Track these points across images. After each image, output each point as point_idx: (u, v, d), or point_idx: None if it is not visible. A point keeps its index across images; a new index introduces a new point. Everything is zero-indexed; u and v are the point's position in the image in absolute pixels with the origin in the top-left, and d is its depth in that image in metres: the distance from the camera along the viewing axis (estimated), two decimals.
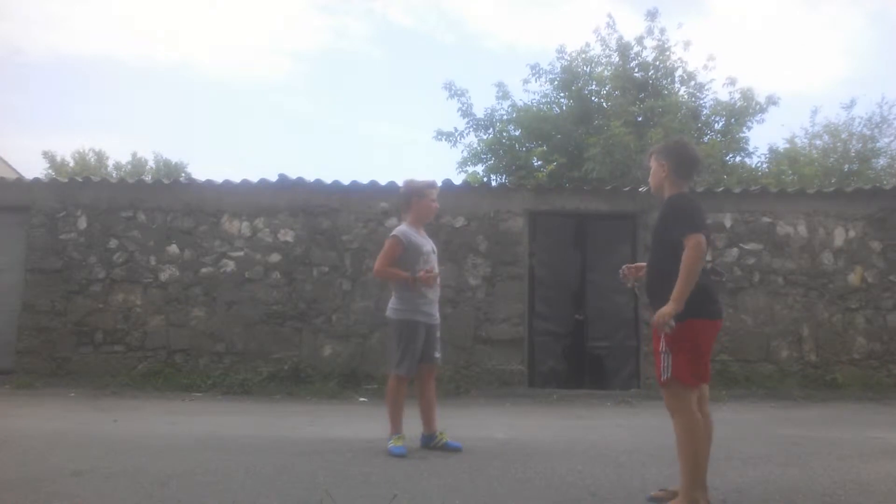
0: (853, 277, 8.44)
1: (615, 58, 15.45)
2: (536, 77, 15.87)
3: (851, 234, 8.50)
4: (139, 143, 62.41)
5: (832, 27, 55.41)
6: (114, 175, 26.07)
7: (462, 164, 16.06)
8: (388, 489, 3.45)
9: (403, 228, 4.67)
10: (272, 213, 8.56)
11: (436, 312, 4.67)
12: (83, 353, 8.34)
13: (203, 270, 8.49)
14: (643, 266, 3.61)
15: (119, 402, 7.06)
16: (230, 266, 8.47)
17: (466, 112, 15.63)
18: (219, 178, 8.79)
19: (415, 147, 62.70)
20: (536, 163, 14.89)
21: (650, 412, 6.71)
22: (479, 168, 15.96)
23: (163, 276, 8.47)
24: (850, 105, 18.65)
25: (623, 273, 3.67)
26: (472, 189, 9.10)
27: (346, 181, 8.61)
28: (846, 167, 17.82)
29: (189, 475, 3.78)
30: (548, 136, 15.02)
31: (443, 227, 8.30)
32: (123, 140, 54.49)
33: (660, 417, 5.70)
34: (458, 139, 15.84)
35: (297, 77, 66.59)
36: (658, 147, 3.56)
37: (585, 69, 15.61)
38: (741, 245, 8.47)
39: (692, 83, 15.68)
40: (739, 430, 5.45)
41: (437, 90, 31.98)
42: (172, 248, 8.52)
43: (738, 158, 15.62)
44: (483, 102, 33.59)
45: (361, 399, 7.55)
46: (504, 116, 15.78)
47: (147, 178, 15.90)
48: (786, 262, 8.44)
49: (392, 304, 4.60)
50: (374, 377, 7.93)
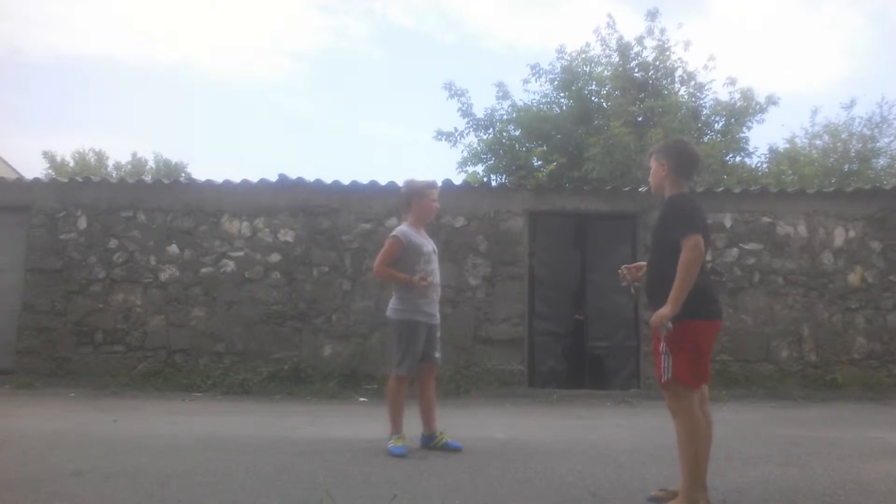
0: (853, 277, 8.44)
1: (615, 58, 15.45)
2: (536, 77, 15.88)
3: (851, 234, 8.50)
4: (139, 143, 62.53)
5: (832, 27, 55.49)
6: (114, 175, 26.08)
7: (462, 164, 16.08)
8: (388, 489, 3.45)
9: (404, 228, 4.68)
10: (272, 213, 8.57)
11: (436, 312, 4.67)
12: (83, 353, 8.34)
13: (203, 270, 8.49)
14: (642, 266, 3.60)
15: (119, 402, 7.07)
16: (230, 266, 8.48)
17: (466, 112, 15.63)
18: (219, 178, 8.80)
19: (415, 147, 62.81)
20: (536, 163, 14.89)
21: (650, 412, 6.71)
22: (479, 168, 15.98)
23: (163, 276, 8.47)
24: (850, 105, 18.70)
25: (622, 273, 3.66)
26: (472, 189, 9.11)
27: (346, 181, 8.62)
28: (846, 167, 17.82)
29: (189, 475, 3.78)
30: (548, 136, 15.02)
31: (443, 227, 8.30)
32: (123, 140, 54.58)
33: (660, 417, 5.71)
34: (458, 139, 15.86)
35: (297, 77, 66.69)
36: (658, 147, 3.55)
37: (585, 69, 15.61)
38: (741, 245, 8.47)
39: (692, 83, 15.68)
40: (739, 430, 5.45)
41: (437, 90, 32.02)
42: (172, 248, 8.53)
43: (738, 158, 15.62)
44: (483, 102, 33.68)
45: (361, 399, 7.56)
46: (504, 116, 15.79)
47: (147, 178, 15.91)
48: (786, 262, 8.44)
49: (392, 304, 4.60)
50: (374, 377, 7.93)
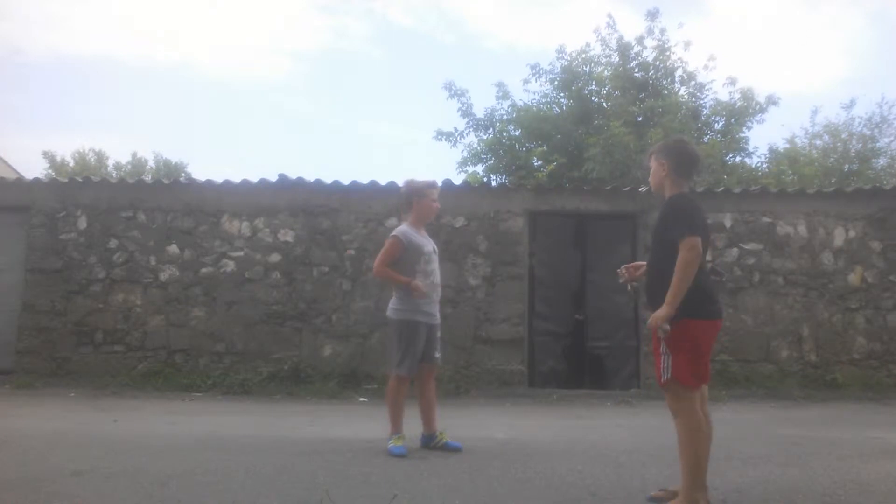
0: (853, 277, 8.44)
1: (615, 58, 15.45)
2: (536, 77, 15.88)
3: (851, 234, 8.50)
4: (139, 143, 62.55)
5: (832, 27, 55.49)
6: (114, 175, 26.08)
7: (462, 164, 16.07)
8: (388, 489, 3.45)
9: (404, 228, 4.68)
10: (272, 213, 8.57)
11: (436, 312, 4.67)
12: (83, 353, 8.34)
13: (203, 270, 8.49)
14: (641, 265, 3.60)
15: (119, 402, 7.07)
16: (230, 266, 8.48)
17: (466, 112, 15.63)
18: (219, 178, 8.80)
19: (415, 147, 62.81)
20: (536, 163, 14.88)
21: (650, 412, 6.71)
22: (479, 168, 15.97)
23: (163, 276, 8.47)
24: (850, 105, 18.70)
25: (621, 273, 3.66)
26: (472, 189, 9.11)
27: (346, 181, 8.62)
28: (846, 167, 17.82)
29: (189, 475, 3.78)
30: (548, 136, 15.02)
31: (443, 227, 8.30)
32: (123, 140, 54.59)
33: (660, 417, 5.71)
34: (458, 139, 15.86)
35: (297, 77, 66.69)
36: (658, 146, 3.54)
37: (585, 69, 15.61)
38: (741, 245, 8.47)
39: (692, 83, 15.68)
40: (739, 430, 5.46)
41: (437, 90, 32.01)
42: (172, 248, 8.53)
43: (738, 158, 15.62)
44: (483, 102, 33.68)
45: (361, 399, 7.56)
46: (504, 116, 15.78)
47: (147, 178, 15.90)
48: (786, 262, 8.44)
49: (393, 304, 4.60)
50: (374, 377, 7.93)
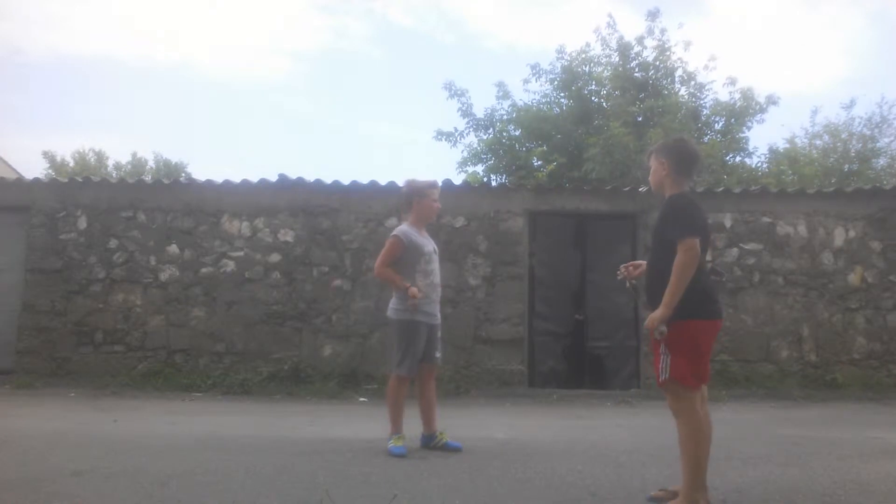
0: (853, 277, 8.44)
1: (615, 58, 15.45)
2: (536, 77, 15.89)
3: (851, 234, 8.50)
4: (139, 143, 62.55)
5: (832, 27, 55.50)
6: (114, 175, 26.09)
7: (462, 164, 16.08)
8: (388, 489, 3.45)
9: (404, 228, 4.67)
10: (272, 213, 8.56)
11: (437, 312, 4.67)
12: (83, 353, 8.34)
13: (203, 270, 8.49)
14: (640, 264, 3.60)
15: (119, 402, 7.06)
16: (230, 266, 8.47)
17: (466, 112, 15.63)
18: (219, 178, 8.80)
19: (415, 147, 62.82)
20: (536, 163, 14.89)
21: (650, 412, 6.71)
22: (479, 168, 15.98)
23: (163, 276, 8.47)
24: (850, 105, 18.72)
25: (620, 271, 3.65)
26: (472, 189, 9.11)
27: (346, 181, 8.62)
28: (846, 167, 17.82)
29: (189, 475, 3.78)
30: (548, 136, 15.02)
31: (443, 227, 8.30)
32: (123, 140, 54.60)
33: (660, 417, 5.71)
34: (458, 139, 15.87)
35: (297, 77, 66.69)
36: (658, 145, 3.53)
37: (585, 69, 15.61)
38: (741, 245, 8.47)
39: (692, 83, 15.69)
40: (739, 430, 5.46)
41: (437, 90, 32.06)
42: (172, 248, 8.52)
43: (738, 158, 15.63)
44: (483, 102, 33.68)
45: (361, 399, 7.55)
46: (504, 116, 15.79)
47: (147, 178, 15.90)
48: (786, 262, 8.44)
49: (393, 304, 4.60)
50: (374, 377, 7.93)
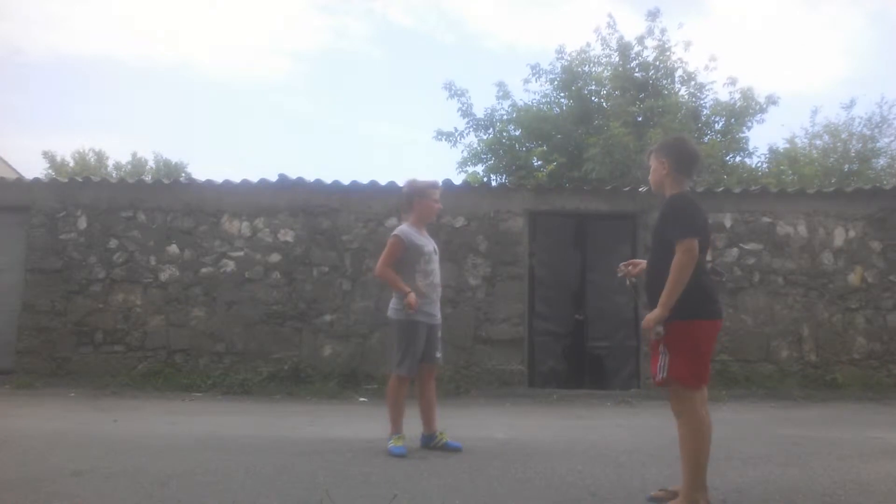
0: (853, 277, 8.44)
1: (615, 58, 15.45)
2: (536, 77, 15.89)
3: (851, 234, 8.50)
4: (139, 143, 62.56)
5: (832, 27, 55.50)
6: (114, 175, 26.08)
7: (462, 164, 16.08)
8: (388, 489, 3.45)
9: (405, 228, 4.67)
10: (272, 213, 8.56)
11: (437, 312, 4.67)
12: (83, 353, 8.34)
13: (203, 270, 8.49)
14: (639, 263, 3.60)
15: (119, 402, 7.06)
16: (230, 266, 8.47)
17: (466, 112, 15.63)
18: (219, 178, 8.80)
19: (415, 147, 62.84)
20: (536, 163, 14.89)
21: (650, 412, 6.71)
22: (479, 168, 15.98)
23: (163, 276, 8.47)
24: (850, 105, 18.72)
25: (620, 269, 3.65)
26: (472, 189, 9.11)
27: (346, 181, 8.61)
28: (846, 167, 17.82)
29: (189, 475, 3.78)
30: (548, 136, 15.02)
31: (443, 227, 8.29)
32: (123, 140, 54.61)
33: (660, 417, 5.71)
34: (458, 139, 15.87)
35: (297, 77, 66.70)
36: (657, 144, 3.51)
37: (585, 69, 15.61)
38: (741, 245, 8.47)
39: (692, 83, 15.69)
40: (739, 430, 5.45)
41: (437, 90, 32.04)
42: (172, 248, 8.52)
43: (738, 158, 15.63)
44: (483, 102, 33.67)
45: (361, 399, 7.55)
46: (504, 116, 15.79)
47: (147, 178, 15.90)
48: (786, 262, 8.44)
49: (393, 305, 4.59)
50: (374, 377, 7.93)
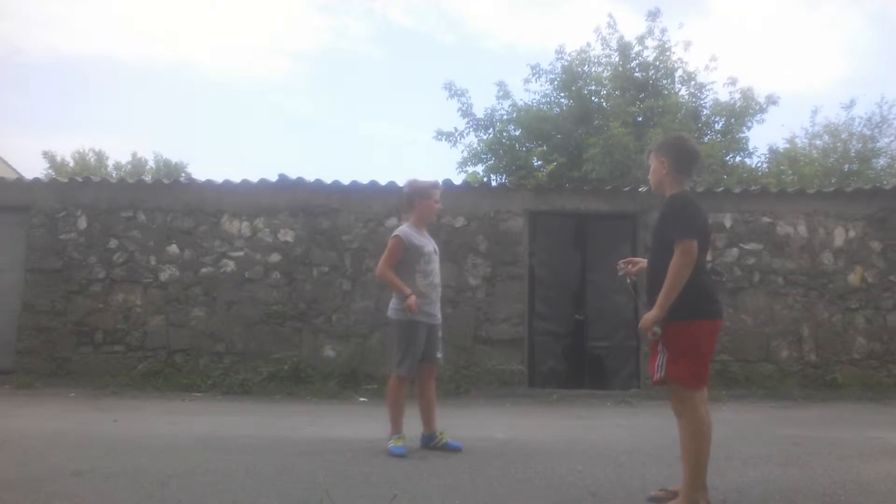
0: (853, 277, 8.44)
1: (615, 58, 15.46)
2: (536, 77, 15.90)
3: (851, 234, 8.50)
4: (139, 143, 62.58)
5: (832, 27, 55.50)
6: (114, 175, 26.08)
7: (462, 164, 16.09)
8: (388, 489, 3.45)
9: (405, 229, 4.66)
10: (272, 213, 8.56)
11: (437, 312, 4.67)
12: (83, 353, 8.34)
13: (203, 270, 8.48)
14: (639, 261, 3.60)
15: (119, 402, 7.06)
16: (230, 266, 8.47)
17: (466, 112, 15.64)
18: (219, 178, 8.80)
19: (415, 147, 62.84)
20: (536, 163, 14.89)
21: (650, 412, 6.71)
22: (479, 168, 15.99)
23: (163, 276, 8.47)
24: (850, 105, 18.74)
25: (620, 267, 3.64)
26: (472, 189, 9.11)
27: (346, 181, 8.61)
28: (846, 167, 17.83)
29: (189, 475, 3.78)
30: (548, 136, 15.02)
31: (443, 227, 8.29)
32: (123, 140, 54.61)
33: (660, 417, 5.72)
34: (458, 139, 15.87)
35: (297, 77, 66.70)
36: (657, 144, 3.50)
37: (585, 69, 15.60)
38: (741, 245, 8.47)
39: (692, 83, 15.69)
40: (739, 430, 5.45)
41: (437, 90, 32.07)
42: (172, 248, 8.52)
43: (738, 158, 15.64)
44: (483, 102, 33.69)
45: (361, 399, 7.55)
46: (504, 116, 15.80)
47: (147, 178, 15.90)
48: (786, 262, 8.44)
49: (393, 305, 4.59)
50: (374, 377, 7.93)
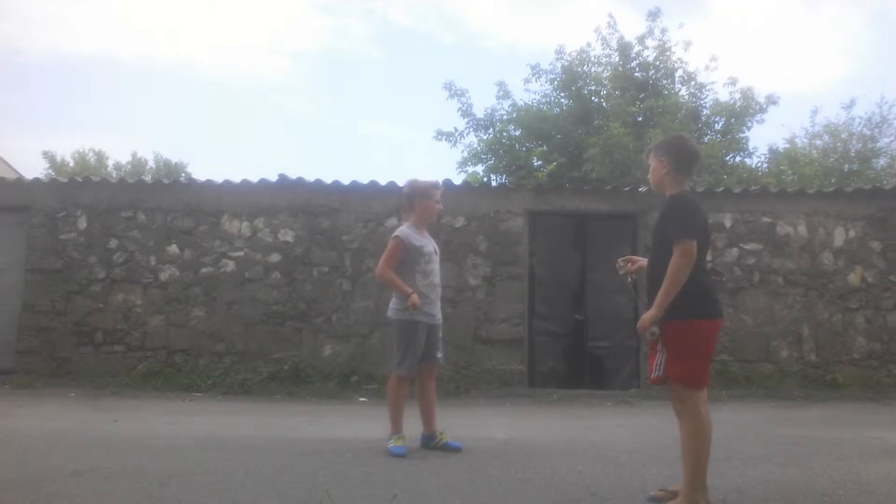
0: (853, 277, 8.44)
1: (615, 58, 15.46)
2: (536, 77, 15.90)
3: (851, 234, 8.50)
4: (139, 143, 62.59)
5: (832, 27, 55.50)
6: (114, 175, 26.09)
7: (462, 164, 16.09)
8: (388, 489, 3.45)
9: (405, 229, 4.67)
10: (272, 213, 8.56)
11: (437, 312, 4.66)
12: (83, 353, 8.34)
13: (203, 270, 8.48)
14: (638, 259, 3.60)
15: (119, 402, 7.06)
16: (230, 266, 8.47)
17: (466, 112, 15.64)
18: (219, 178, 8.80)
19: (415, 147, 62.86)
20: (536, 163, 14.89)
21: (650, 412, 6.71)
22: (479, 168, 15.99)
23: (163, 276, 8.47)
24: (850, 105, 18.76)
25: (619, 265, 3.64)
26: (472, 189, 9.10)
27: (346, 181, 8.61)
28: (846, 167, 17.83)
29: (189, 475, 3.78)
30: (548, 136, 15.02)
31: (443, 227, 8.29)
32: (123, 140, 54.64)
33: (660, 417, 5.72)
34: (458, 139, 15.88)
35: (297, 77, 66.71)
36: (657, 143, 3.49)
37: (585, 69, 15.60)
38: (741, 245, 8.47)
39: (692, 83, 15.69)
40: (739, 430, 5.45)
41: (437, 90, 32.08)
42: (172, 248, 8.52)
43: (738, 158, 15.64)
44: (483, 102, 33.69)
45: (361, 399, 7.55)
46: (504, 116, 15.80)
47: (147, 178, 15.90)
48: (786, 262, 8.44)
49: (393, 305, 4.59)
50: (374, 377, 7.93)
